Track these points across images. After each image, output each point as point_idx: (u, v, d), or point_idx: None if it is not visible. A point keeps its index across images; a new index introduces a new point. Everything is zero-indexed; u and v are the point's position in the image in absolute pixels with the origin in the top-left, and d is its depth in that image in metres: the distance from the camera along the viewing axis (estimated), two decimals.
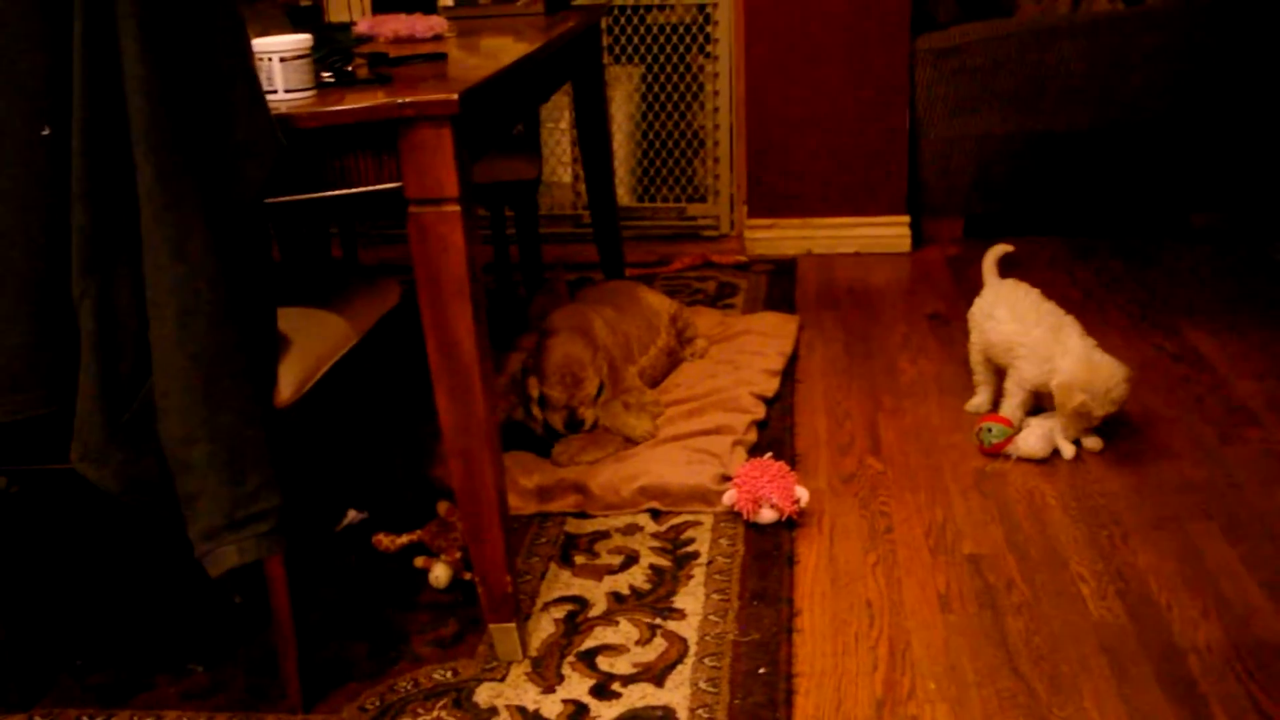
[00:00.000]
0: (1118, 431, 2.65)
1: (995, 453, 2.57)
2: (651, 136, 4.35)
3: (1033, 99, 3.97)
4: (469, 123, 1.79)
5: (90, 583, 2.30)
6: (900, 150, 4.01)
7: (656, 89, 4.30)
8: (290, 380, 1.82)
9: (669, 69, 4.26)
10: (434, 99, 1.71)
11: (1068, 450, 2.55)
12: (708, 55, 4.20)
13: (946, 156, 4.04)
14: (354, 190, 1.78)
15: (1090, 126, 3.98)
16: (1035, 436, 2.54)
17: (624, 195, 4.37)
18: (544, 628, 2.07)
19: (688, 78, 4.26)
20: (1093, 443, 2.58)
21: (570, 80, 3.26)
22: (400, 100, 1.71)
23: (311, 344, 1.92)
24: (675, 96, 4.29)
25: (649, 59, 4.27)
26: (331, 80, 1.93)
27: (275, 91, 1.76)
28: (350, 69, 1.98)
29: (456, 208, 1.77)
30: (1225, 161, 3.98)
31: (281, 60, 1.76)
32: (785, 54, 3.95)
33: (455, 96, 1.71)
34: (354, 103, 1.73)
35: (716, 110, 4.22)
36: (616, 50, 4.26)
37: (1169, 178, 4.04)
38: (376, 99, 1.74)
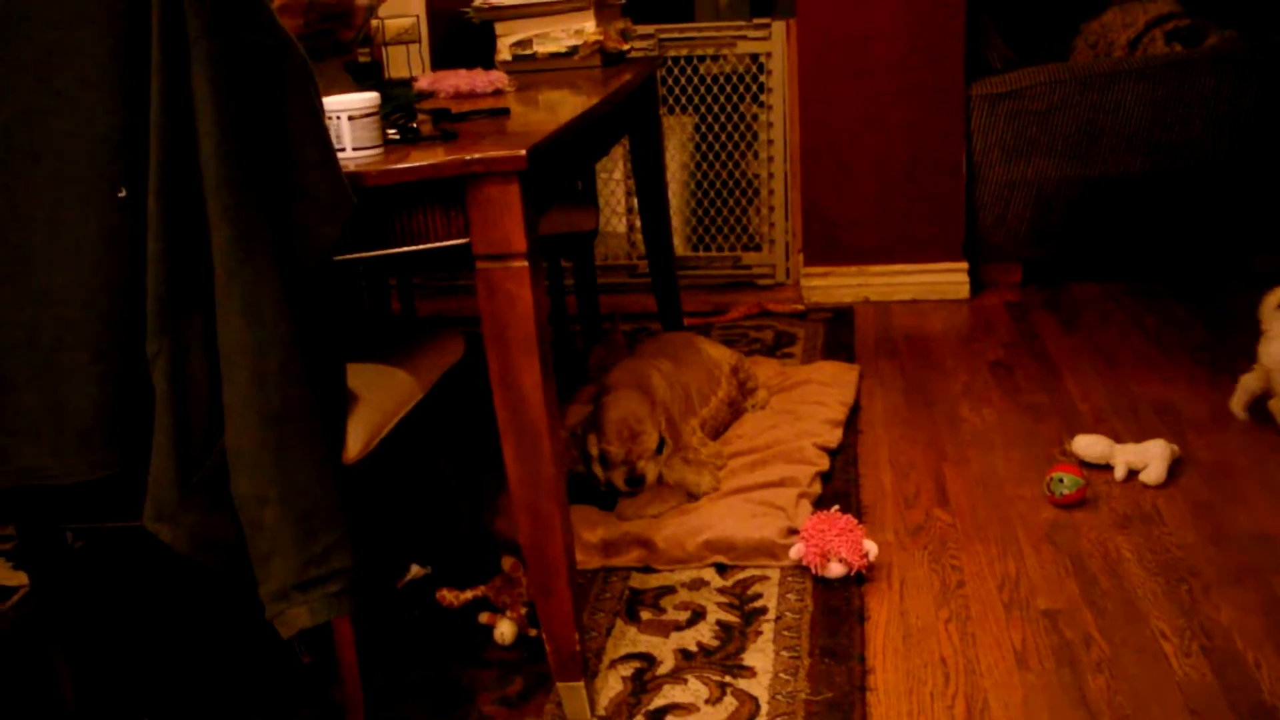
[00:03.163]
0: (1191, 481, 2.59)
1: (1067, 504, 2.51)
2: (706, 185, 4.35)
3: (1090, 143, 3.93)
4: (535, 178, 1.79)
5: (158, 640, 2.30)
6: (957, 196, 3.99)
7: (710, 138, 4.30)
8: (358, 437, 1.82)
9: (723, 118, 4.26)
10: (502, 155, 1.71)
11: None
12: (761, 104, 4.20)
13: (1004, 202, 4.00)
14: (422, 247, 1.78)
15: (1149, 170, 3.93)
16: (1161, 461, 2.62)
17: (679, 244, 4.37)
18: (611, 686, 2.04)
19: (741, 126, 4.26)
20: None
21: (627, 132, 3.27)
22: (468, 157, 1.71)
23: (379, 400, 1.91)
24: (729, 145, 4.29)
25: (703, 109, 4.28)
26: (396, 137, 1.94)
27: (344, 149, 1.76)
28: (414, 125, 1.99)
29: (524, 263, 1.76)
30: None
31: (350, 118, 1.77)
32: (839, 101, 3.94)
33: (524, 152, 1.70)
34: (421, 159, 1.73)
35: (771, 159, 4.21)
36: (670, 100, 4.27)
37: (1231, 221, 3.98)
38: (443, 156, 1.74)
